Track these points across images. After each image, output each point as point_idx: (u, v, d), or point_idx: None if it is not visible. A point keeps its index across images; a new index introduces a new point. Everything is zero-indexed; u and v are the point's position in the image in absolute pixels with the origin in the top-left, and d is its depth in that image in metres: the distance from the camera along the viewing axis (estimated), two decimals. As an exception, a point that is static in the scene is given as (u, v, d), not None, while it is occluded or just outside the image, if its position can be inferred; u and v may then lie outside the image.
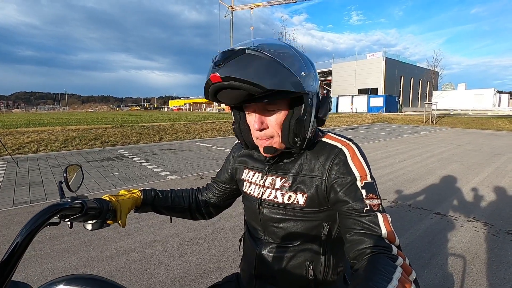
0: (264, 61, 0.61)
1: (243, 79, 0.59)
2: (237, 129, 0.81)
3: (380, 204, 0.67)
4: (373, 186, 0.69)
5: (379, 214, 0.65)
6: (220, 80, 0.61)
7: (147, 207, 0.93)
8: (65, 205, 0.60)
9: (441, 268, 2.33)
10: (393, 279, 0.49)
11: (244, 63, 0.60)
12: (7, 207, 3.84)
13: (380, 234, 0.63)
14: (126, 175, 5.58)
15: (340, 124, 18.49)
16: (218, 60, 0.62)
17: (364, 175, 0.69)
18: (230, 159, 0.99)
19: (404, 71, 47.83)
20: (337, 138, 0.78)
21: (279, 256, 0.79)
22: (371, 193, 0.67)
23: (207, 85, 0.65)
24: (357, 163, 0.71)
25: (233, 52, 0.62)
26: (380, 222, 0.64)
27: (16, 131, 11.23)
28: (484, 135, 13.02)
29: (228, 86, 0.62)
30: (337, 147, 0.74)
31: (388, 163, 6.51)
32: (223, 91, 0.64)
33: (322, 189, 0.72)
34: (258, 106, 0.71)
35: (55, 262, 2.44)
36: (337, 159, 0.72)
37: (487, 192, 4.34)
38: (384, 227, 0.63)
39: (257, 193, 0.83)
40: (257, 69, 0.60)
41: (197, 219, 1.05)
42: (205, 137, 11.65)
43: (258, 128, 0.71)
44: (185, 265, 2.39)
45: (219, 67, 0.61)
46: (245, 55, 0.61)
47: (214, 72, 0.62)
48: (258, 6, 52.66)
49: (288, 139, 0.71)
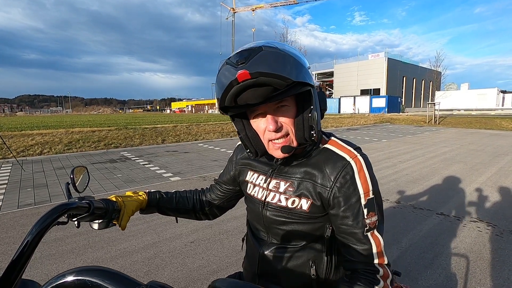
0: (283, 56, 0.64)
1: (272, 73, 0.60)
2: (245, 137, 0.78)
3: (377, 220, 0.72)
4: (373, 203, 0.72)
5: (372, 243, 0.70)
6: (249, 77, 0.60)
7: (152, 208, 0.94)
8: (72, 205, 0.62)
9: (445, 268, 2.32)
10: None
11: (267, 59, 0.62)
12: (12, 209, 3.88)
13: (372, 261, 0.70)
14: (129, 177, 5.61)
15: (342, 124, 18.45)
16: (239, 59, 0.63)
17: (368, 192, 0.71)
18: (233, 161, 1.00)
19: (407, 72, 47.66)
20: (344, 148, 0.76)
21: (282, 256, 0.80)
22: (371, 212, 0.71)
23: (229, 87, 0.63)
24: (363, 178, 0.72)
25: (251, 50, 0.64)
26: (373, 251, 0.70)
27: (20, 133, 11.34)
28: (488, 135, 12.93)
29: (255, 83, 0.61)
30: (345, 159, 0.73)
31: (391, 163, 6.49)
32: (247, 91, 0.63)
33: (325, 198, 0.73)
34: (270, 107, 0.71)
35: (60, 263, 2.46)
36: (344, 172, 0.72)
37: (490, 192, 4.32)
38: (376, 255, 0.70)
39: (260, 196, 0.84)
40: (280, 63, 0.62)
41: (202, 219, 1.06)
42: (208, 139, 11.67)
43: (274, 129, 0.70)
44: (189, 265, 2.40)
45: (242, 65, 0.61)
46: (264, 52, 0.63)
47: (240, 70, 0.61)
48: (260, 8, 52.76)
49: (304, 133, 0.72)
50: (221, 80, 0.65)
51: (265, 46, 0.65)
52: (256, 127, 0.76)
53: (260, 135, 0.76)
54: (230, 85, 0.63)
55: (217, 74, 0.68)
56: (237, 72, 0.61)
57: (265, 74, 0.60)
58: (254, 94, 0.63)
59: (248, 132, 0.78)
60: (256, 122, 0.75)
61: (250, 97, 0.64)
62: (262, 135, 0.75)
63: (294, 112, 0.73)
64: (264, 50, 0.63)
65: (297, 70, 0.65)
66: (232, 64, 0.64)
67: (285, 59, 0.64)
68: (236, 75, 0.61)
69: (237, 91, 0.63)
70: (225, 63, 0.66)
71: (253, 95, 0.64)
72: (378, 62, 43.75)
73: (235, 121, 0.79)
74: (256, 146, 0.79)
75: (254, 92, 0.63)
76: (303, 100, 0.72)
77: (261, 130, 0.74)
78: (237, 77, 0.61)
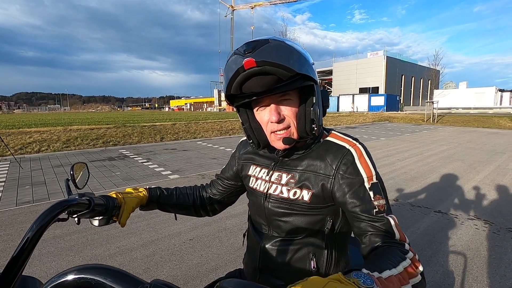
0: (289, 49, 0.67)
1: (277, 62, 0.63)
2: (249, 128, 0.81)
3: (385, 204, 0.71)
4: (378, 187, 0.72)
5: (390, 218, 0.69)
6: (255, 64, 0.63)
7: (152, 204, 0.95)
8: (73, 201, 0.62)
9: (442, 265, 2.34)
10: (399, 265, 0.55)
11: (273, 50, 0.65)
12: (10, 206, 3.87)
13: (394, 236, 0.67)
14: (128, 175, 5.60)
15: (341, 123, 18.47)
16: (246, 49, 0.66)
17: (371, 176, 0.72)
18: (235, 156, 1.01)
19: (405, 70, 47.70)
20: (343, 138, 0.79)
21: (283, 249, 0.81)
22: (378, 195, 0.71)
23: (236, 74, 0.66)
24: (364, 163, 0.73)
25: (258, 42, 0.67)
26: (392, 225, 0.68)
27: (18, 131, 11.29)
28: (486, 133, 12.98)
29: (261, 71, 0.64)
30: (345, 147, 0.76)
31: (389, 161, 6.52)
32: (252, 79, 0.66)
33: (328, 188, 0.74)
34: (273, 99, 0.73)
35: (59, 260, 2.46)
36: (345, 159, 0.74)
37: (488, 190, 4.34)
38: (396, 231, 0.67)
39: (263, 188, 0.85)
40: (285, 55, 0.65)
41: (202, 215, 1.07)
42: (206, 137, 11.66)
43: (276, 120, 0.73)
44: (188, 263, 2.41)
45: (249, 54, 0.64)
46: (271, 43, 0.66)
47: (247, 58, 0.64)
48: (259, 6, 52.54)
49: (305, 126, 0.74)
50: (229, 68, 0.69)
51: (272, 39, 0.68)
52: (259, 119, 0.79)
53: (263, 127, 0.79)
54: (237, 72, 0.66)
55: (225, 64, 0.72)
56: (244, 60, 0.64)
57: (270, 63, 0.63)
58: (259, 82, 0.66)
59: (252, 123, 0.81)
60: (260, 114, 0.78)
61: (255, 85, 0.67)
62: (265, 127, 0.78)
63: (297, 105, 0.75)
64: (271, 42, 0.67)
65: (301, 63, 0.67)
66: (239, 54, 0.67)
67: (291, 52, 0.67)
68: (243, 63, 0.64)
69: (243, 78, 0.66)
70: (234, 53, 0.69)
71: (258, 83, 0.66)
72: (377, 61, 43.75)
73: (240, 112, 0.82)
74: (259, 138, 0.81)
75: (259, 81, 0.66)
76: (306, 95, 0.75)
77: (264, 121, 0.77)
78: (244, 64, 0.64)
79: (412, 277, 0.55)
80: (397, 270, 0.53)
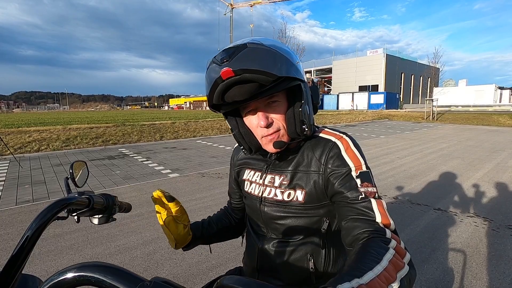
0: (268, 52, 0.64)
1: (255, 69, 0.61)
2: (238, 134, 0.79)
3: (375, 192, 0.69)
4: (368, 175, 0.70)
5: (372, 200, 0.66)
6: (233, 74, 0.61)
7: (197, 242, 0.92)
8: (72, 200, 0.61)
9: (441, 263, 2.35)
10: (383, 260, 0.49)
11: (251, 55, 0.62)
12: (10, 205, 3.87)
13: (374, 218, 0.64)
14: (128, 174, 5.60)
15: (340, 121, 18.46)
16: (223, 57, 0.63)
17: (359, 165, 0.71)
18: (231, 164, 1.01)
19: (405, 68, 47.64)
20: (331, 132, 0.79)
21: (281, 250, 0.81)
22: (366, 182, 0.69)
23: (215, 86, 0.64)
24: (351, 154, 0.72)
25: (236, 48, 0.64)
26: (374, 207, 0.65)
27: (17, 130, 11.27)
28: (485, 131, 12.99)
29: (240, 79, 0.62)
30: (331, 140, 0.76)
31: (389, 159, 6.51)
32: (233, 88, 0.64)
33: (320, 184, 0.74)
34: (260, 103, 0.72)
35: (59, 259, 2.47)
36: (332, 152, 0.73)
37: (487, 187, 4.35)
38: (378, 212, 0.65)
39: (257, 192, 0.84)
40: (264, 60, 0.62)
41: (242, 231, 1.03)
42: (206, 135, 11.66)
43: (265, 125, 0.71)
44: (188, 261, 2.41)
45: (226, 63, 0.62)
46: (249, 49, 0.63)
47: (224, 68, 0.61)
48: (258, 4, 52.34)
49: (295, 128, 0.73)
50: (208, 78, 0.66)
51: (250, 43, 0.65)
52: (248, 124, 0.77)
53: (253, 131, 0.77)
54: (216, 83, 0.64)
55: (205, 72, 0.69)
56: (221, 70, 0.61)
57: (248, 70, 0.61)
58: (240, 91, 0.64)
59: (241, 129, 0.79)
60: (249, 119, 0.76)
61: (236, 94, 0.65)
62: (255, 131, 0.77)
63: (285, 107, 0.74)
64: (248, 47, 0.63)
65: (283, 66, 0.64)
66: (216, 62, 0.64)
67: (270, 55, 0.64)
68: (220, 73, 0.62)
69: (223, 88, 0.64)
70: (211, 62, 0.67)
71: (239, 92, 0.64)
72: (377, 59, 43.69)
73: (228, 119, 0.80)
74: (249, 143, 0.79)
75: (240, 89, 0.64)
76: (294, 95, 0.73)
77: (254, 126, 0.76)
78: (221, 75, 0.61)
79: (399, 269, 0.49)
80: (381, 266, 0.47)
